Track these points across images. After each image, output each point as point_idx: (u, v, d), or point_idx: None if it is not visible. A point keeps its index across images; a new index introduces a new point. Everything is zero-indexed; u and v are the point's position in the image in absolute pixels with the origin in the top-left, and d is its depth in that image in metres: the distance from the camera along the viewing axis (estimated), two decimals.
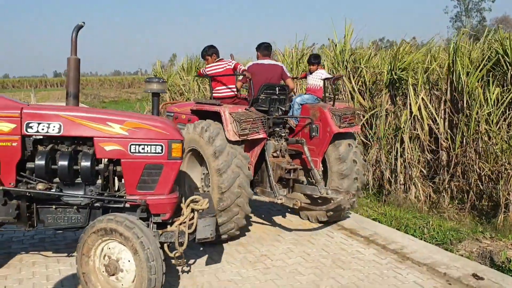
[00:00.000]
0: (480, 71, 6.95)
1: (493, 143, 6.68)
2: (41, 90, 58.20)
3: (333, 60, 9.19)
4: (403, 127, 7.41)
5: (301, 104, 6.23)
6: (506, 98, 6.67)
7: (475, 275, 4.48)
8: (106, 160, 3.87)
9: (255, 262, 4.82)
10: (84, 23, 4.25)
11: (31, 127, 3.71)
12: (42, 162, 3.71)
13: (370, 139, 8.15)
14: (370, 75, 8.38)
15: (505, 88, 6.87)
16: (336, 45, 9.08)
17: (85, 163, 3.77)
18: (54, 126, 3.73)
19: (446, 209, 6.86)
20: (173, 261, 3.97)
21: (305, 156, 5.79)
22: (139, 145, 3.76)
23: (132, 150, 3.75)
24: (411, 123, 7.45)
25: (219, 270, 4.59)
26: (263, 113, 5.55)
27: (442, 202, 7.01)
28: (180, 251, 3.79)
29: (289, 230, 5.93)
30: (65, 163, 3.72)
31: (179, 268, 4.46)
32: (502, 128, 6.67)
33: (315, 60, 6.59)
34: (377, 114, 7.92)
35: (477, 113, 6.77)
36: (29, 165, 3.79)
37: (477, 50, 7.57)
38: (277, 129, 5.96)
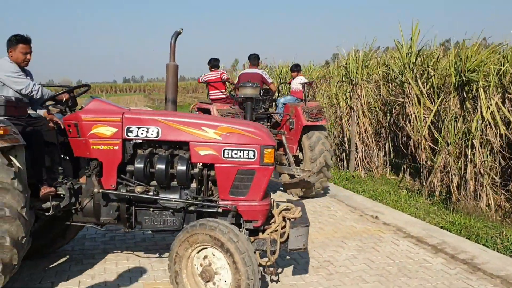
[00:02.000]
0: None
1: None
2: (111, 95, 60.61)
3: (399, 63, 9.23)
4: (474, 131, 7.19)
5: (284, 104, 8.19)
6: None
7: None
8: (200, 164, 4.04)
9: (318, 268, 4.86)
10: (182, 29, 4.41)
11: (131, 131, 3.97)
12: (141, 166, 3.94)
13: (439, 144, 7.97)
14: (438, 78, 8.37)
15: None
16: (402, 47, 9.07)
17: (181, 167, 3.96)
18: (152, 131, 3.95)
19: None
20: (261, 269, 4.03)
21: (283, 143, 7.45)
22: (232, 150, 3.88)
23: (225, 155, 3.88)
24: (483, 128, 7.21)
25: (282, 274, 4.67)
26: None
27: None
28: (271, 260, 3.87)
29: (353, 236, 5.99)
30: (163, 166, 3.93)
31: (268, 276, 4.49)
32: None
33: (295, 69, 8.81)
34: (445, 118, 7.83)
35: None
36: (129, 168, 4.03)
37: None
38: (262, 123, 7.61)
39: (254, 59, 8.56)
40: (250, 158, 3.90)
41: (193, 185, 4.13)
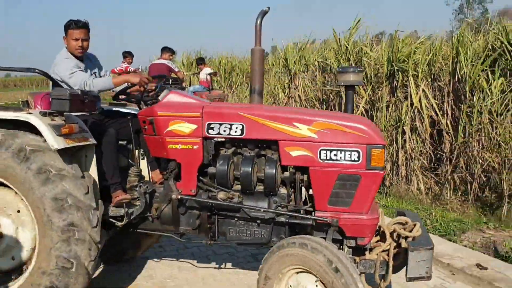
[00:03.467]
0: (483, 62, 6.95)
1: (496, 133, 6.65)
2: (45, 88, 60.24)
3: (336, 53, 9.35)
4: (404, 118, 7.48)
5: (193, 92, 9.33)
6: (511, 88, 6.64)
7: (478, 265, 4.48)
8: (291, 167, 3.41)
9: None
10: (269, 8, 3.78)
11: (212, 128, 3.41)
12: (224, 168, 3.37)
13: None
14: (372, 68, 8.47)
15: (510, 78, 6.83)
16: (339, 39, 9.18)
17: (270, 170, 3.33)
18: (236, 127, 3.35)
19: (449, 200, 6.91)
20: None
21: None
22: (331, 150, 3.18)
23: (322, 157, 3.19)
24: (413, 114, 7.51)
25: None
26: None
27: (444, 194, 7.06)
28: (381, 286, 3.16)
29: None
30: (248, 169, 3.33)
31: None
32: (506, 118, 6.68)
33: (200, 62, 11.68)
34: (378, 106, 8.04)
35: (480, 103, 6.77)
36: (210, 170, 3.47)
37: (481, 40, 7.60)
38: None
39: (163, 51, 10.30)
40: (354, 161, 3.15)
41: (284, 191, 3.48)
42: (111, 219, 3.55)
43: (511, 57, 6.82)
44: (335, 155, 3.18)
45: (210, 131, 3.41)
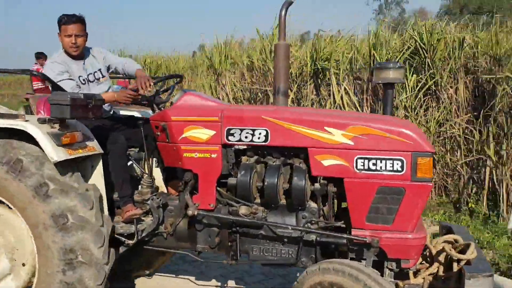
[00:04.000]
0: (398, 59, 7.30)
1: None
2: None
3: (261, 52, 9.24)
4: None
5: None
6: (424, 84, 7.10)
7: None
8: (323, 178, 2.99)
9: None
10: None
11: (232, 135, 3.02)
12: (246, 179, 2.96)
13: None
14: (297, 67, 8.53)
15: (423, 75, 7.21)
16: (263, 38, 9.20)
17: (298, 182, 2.91)
18: (260, 133, 2.95)
19: None
20: None
21: None
22: (369, 159, 2.75)
23: (359, 166, 2.77)
24: None
25: None
26: None
27: None
28: None
29: None
30: (274, 180, 2.92)
31: None
32: (419, 113, 7.08)
33: (39, 56, 10.73)
34: (303, 104, 8.19)
35: (396, 99, 6.98)
36: (230, 181, 3.07)
37: (397, 39, 8.03)
38: None
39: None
40: (397, 171, 2.72)
41: (314, 206, 3.06)
42: (120, 237, 3.18)
43: (424, 55, 7.29)
44: (374, 164, 2.75)
45: (230, 137, 3.03)
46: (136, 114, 3.90)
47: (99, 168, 3.06)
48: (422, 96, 7.14)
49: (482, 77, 6.98)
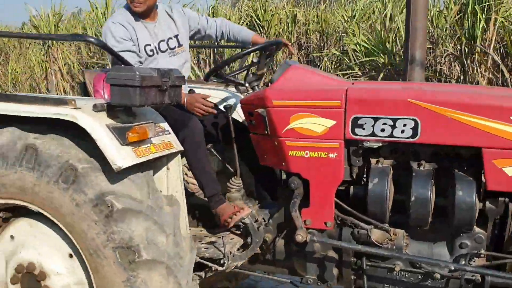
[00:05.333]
0: None
1: None
2: None
3: (95, 24, 9.12)
4: None
5: None
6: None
7: None
8: (499, 192, 2.02)
9: None
10: None
11: (360, 126, 2.10)
12: (382, 190, 2.08)
13: None
14: None
15: None
16: (97, 8, 9.04)
17: (465, 198, 1.98)
18: (404, 125, 2.03)
19: None
20: None
21: None
22: None
23: None
24: None
25: None
26: None
27: None
28: None
29: None
30: (426, 194, 2.02)
31: None
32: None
33: None
34: None
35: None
36: (356, 191, 2.22)
37: (236, 15, 8.17)
38: None
39: None
40: None
41: (479, 229, 2.11)
42: (206, 261, 2.38)
43: (260, 31, 7.52)
44: None
45: (357, 130, 2.13)
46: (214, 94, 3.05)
47: (177, 169, 2.25)
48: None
49: (312, 54, 7.53)
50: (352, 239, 2.23)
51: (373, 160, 2.22)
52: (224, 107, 2.61)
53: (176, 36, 2.76)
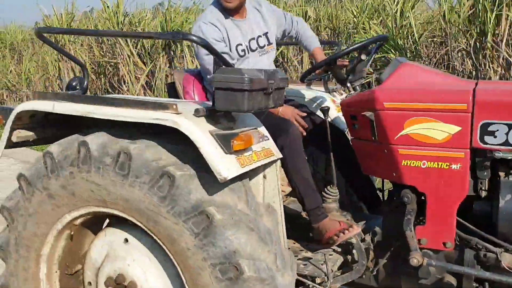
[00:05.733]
0: None
1: None
2: None
3: (107, 23, 9.09)
4: None
5: None
6: None
7: None
8: None
9: None
10: None
11: (491, 133, 1.82)
12: None
13: None
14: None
15: None
16: (108, 7, 8.95)
17: None
18: None
19: None
20: None
21: None
22: None
23: None
24: None
25: None
26: None
27: None
28: None
29: None
30: None
31: None
32: None
33: None
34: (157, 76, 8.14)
35: None
36: (482, 208, 1.94)
37: None
38: None
39: None
40: None
41: None
42: (305, 279, 2.17)
43: None
44: None
45: (487, 138, 1.85)
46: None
47: (275, 178, 2.04)
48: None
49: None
50: (476, 263, 1.95)
51: (502, 173, 1.92)
52: (321, 109, 2.39)
53: (266, 34, 2.57)
